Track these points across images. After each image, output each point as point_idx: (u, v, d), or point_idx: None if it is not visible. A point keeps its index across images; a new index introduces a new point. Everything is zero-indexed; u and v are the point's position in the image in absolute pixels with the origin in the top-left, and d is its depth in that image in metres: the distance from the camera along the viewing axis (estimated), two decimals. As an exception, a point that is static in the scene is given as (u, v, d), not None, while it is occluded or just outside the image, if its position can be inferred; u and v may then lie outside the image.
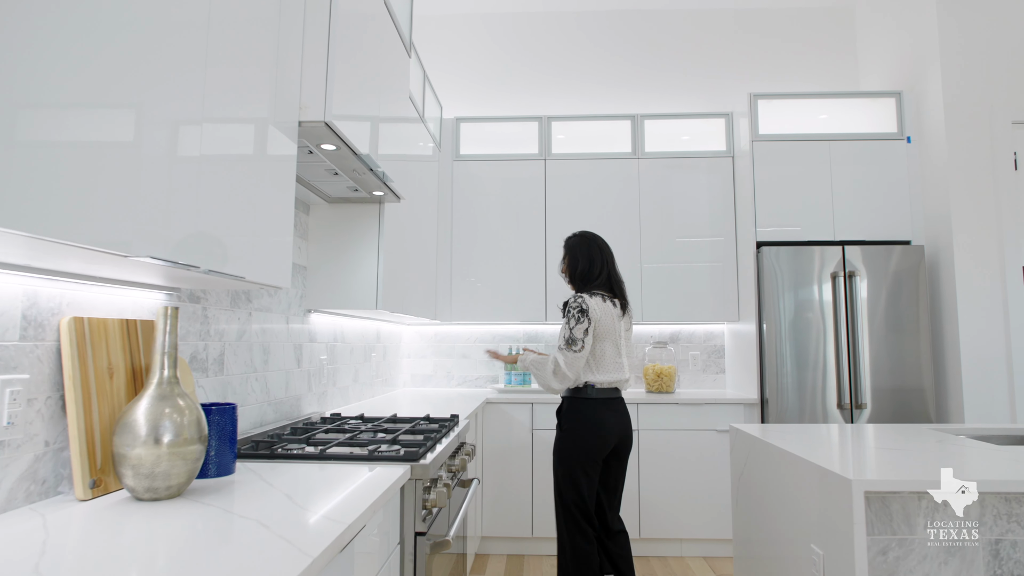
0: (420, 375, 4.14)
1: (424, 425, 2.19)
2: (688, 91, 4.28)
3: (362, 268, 2.49)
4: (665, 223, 3.87)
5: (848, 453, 1.80)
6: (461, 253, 3.90)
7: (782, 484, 1.83)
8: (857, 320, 3.34)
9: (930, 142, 3.49)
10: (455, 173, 3.95)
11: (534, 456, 3.46)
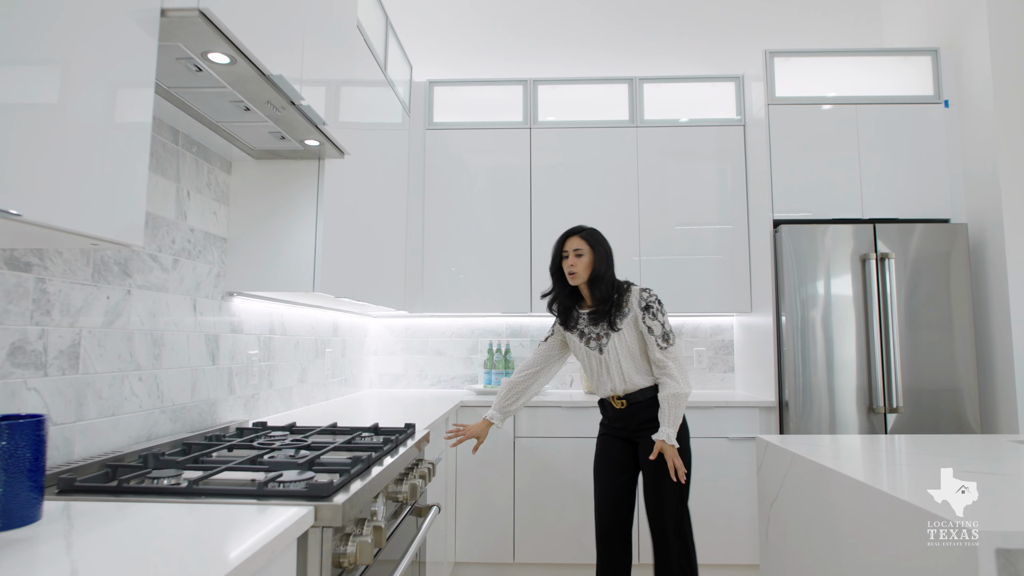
0: (389, 374, 3.64)
1: (366, 439, 1.70)
2: (693, 53, 3.80)
3: (296, 240, 1.99)
4: (667, 198, 3.39)
5: (928, 481, 1.32)
6: (434, 234, 3.41)
7: (843, 520, 1.35)
8: (889, 310, 2.87)
9: (973, 106, 3.02)
10: (428, 143, 3.46)
11: (516, 469, 2.97)
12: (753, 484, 2.90)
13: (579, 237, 2.21)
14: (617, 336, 2.15)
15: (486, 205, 3.41)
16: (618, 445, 2.26)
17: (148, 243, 1.60)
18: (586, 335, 2.21)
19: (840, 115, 3.12)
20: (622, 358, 2.15)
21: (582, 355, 2.25)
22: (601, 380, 2.22)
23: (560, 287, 2.26)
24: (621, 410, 2.20)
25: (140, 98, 1.09)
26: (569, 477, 2.95)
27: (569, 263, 2.17)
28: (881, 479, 1.25)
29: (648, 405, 2.16)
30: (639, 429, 2.18)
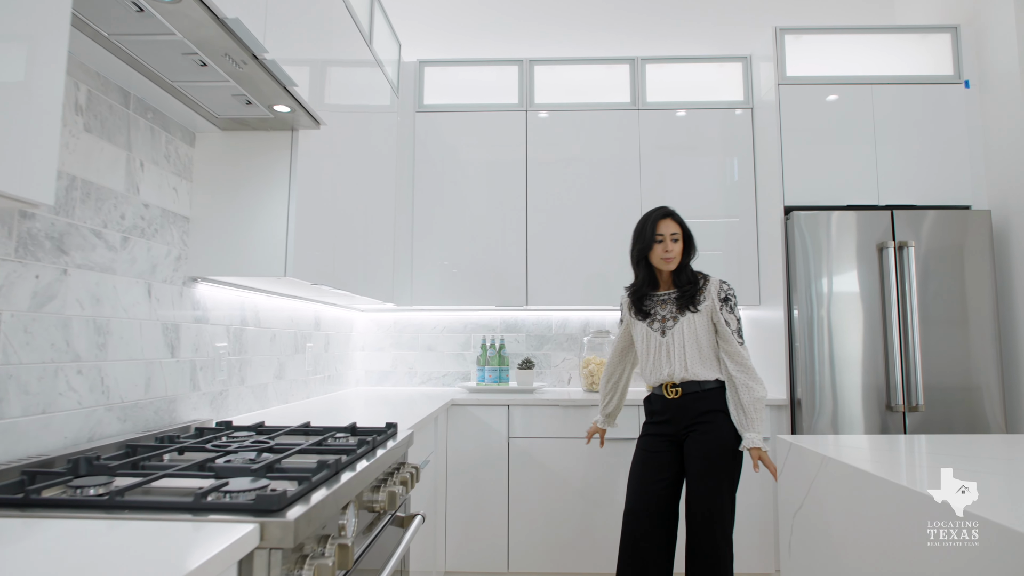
0: (376, 371, 3.45)
1: (340, 440, 1.51)
2: (698, 33, 3.61)
3: (266, 220, 1.80)
4: (670, 187, 3.20)
5: (985, 490, 1.14)
6: (424, 222, 3.21)
7: (887, 532, 1.16)
8: (908, 302, 2.69)
9: (997, 86, 2.84)
10: (418, 126, 3.26)
11: (511, 471, 2.78)
12: (765, 486, 2.72)
13: (673, 220, 2.13)
14: (686, 321, 2.07)
15: (479, 191, 3.22)
16: (663, 445, 2.12)
17: (90, 217, 1.40)
18: (651, 316, 2.14)
19: (854, 96, 2.94)
20: (687, 343, 2.06)
21: (642, 337, 2.16)
22: (659, 364, 2.10)
23: (647, 271, 2.16)
24: (674, 400, 2.07)
25: (49, 25, 0.89)
26: (567, 480, 2.76)
27: (667, 247, 2.09)
28: (952, 490, 1.07)
29: (702, 397, 2.05)
30: (691, 425, 2.06)
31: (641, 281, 2.17)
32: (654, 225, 2.11)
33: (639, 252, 2.14)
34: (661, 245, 2.10)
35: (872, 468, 1.24)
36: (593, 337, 3.24)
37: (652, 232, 2.11)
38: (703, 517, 1.98)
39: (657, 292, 2.17)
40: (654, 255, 2.12)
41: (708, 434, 2.02)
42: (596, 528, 2.73)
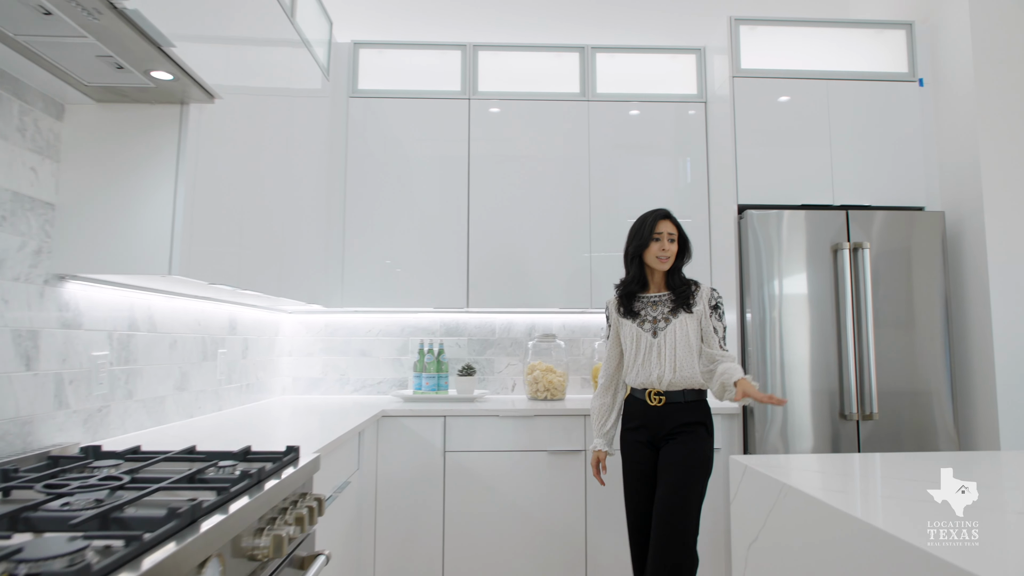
0: (305, 379, 3.18)
1: (224, 471, 1.26)
2: (651, 22, 3.47)
3: (148, 209, 1.54)
4: (620, 184, 3.04)
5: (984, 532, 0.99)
6: (357, 216, 2.96)
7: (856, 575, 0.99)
8: (863, 306, 2.59)
9: (951, 85, 2.77)
10: (351, 113, 3.01)
11: (447, 488, 2.56)
12: (716, 510, 2.57)
13: (671, 221, 2.14)
14: (679, 323, 2.07)
15: (417, 184, 2.99)
16: (644, 452, 2.09)
17: (-103, 198, 1.12)
18: (641, 317, 2.12)
19: (810, 91, 2.83)
20: (679, 344, 2.05)
21: (632, 337, 2.11)
22: (648, 365, 2.07)
23: (639, 270, 2.14)
24: (656, 408, 2.06)
25: None
26: (509, 498, 2.56)
27: (664, 247, 2.10)
28: (923, 531, 0.90)
29: (684, 409, 2.05)
30: (669, 434, 2.04)
31: (632, 279, 2.15)
32: (653, 224, 2.11)
33: (635, 249, 2.13)
34: (658, 244, 2.10)
35: (836, 501, 1.07)
36: (538, 342, 3.05)
37: (651, 230, 2.11)
38: (672, 527, 1.93)
39: (647, 293, 2.16)
40: (649, 253, 2.11)
41: (687, 444, 2.02)
42: (540, 549, 2.54)
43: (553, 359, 3.01)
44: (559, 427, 2.61)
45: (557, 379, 2.92)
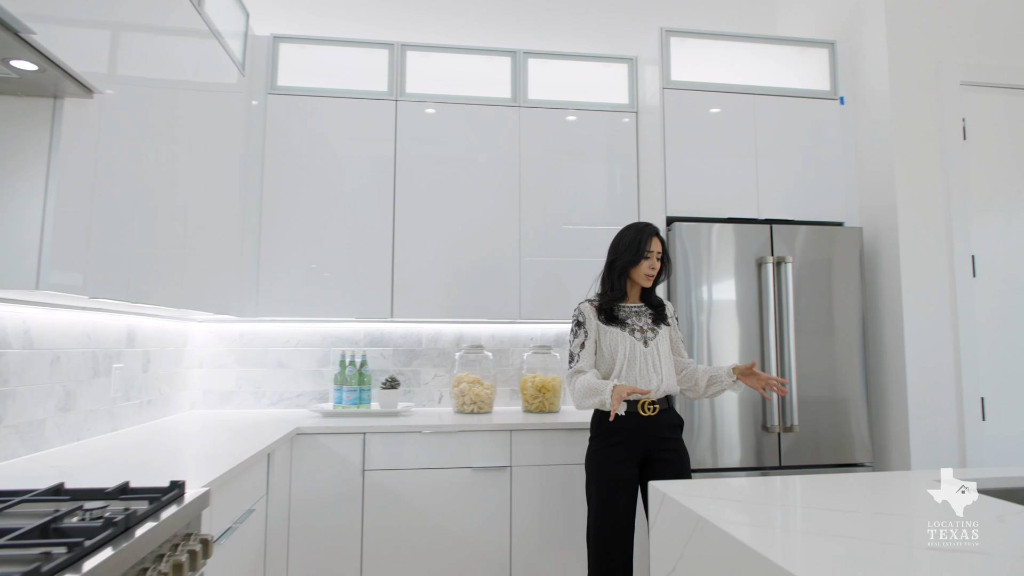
0: (217, 392, 2.98)
1: (89, 514, 1.12)
2: (584, 29, 3.44)
3: (12, 215, 1.36)
4: (551, 190, 2.99)
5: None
6: (275, 221, 2.80)
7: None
8: (785, 319, 2.63)
9: (869, 104, 2.85)
10: (269, 111, 2.84)
11: (365, 509, 2.44)
12: (640, 535, 2.55)
13: (659, 239, 2.16)
14: (663, 335, 2.14)
15: (341, 187, 2.85)
16: (630, 464, 2.05)
17: None
18: (628, 325, 2.12)
19: (737, 105, 2.86)
20: (663, 355, 2.11)
21: (624, 345, 2.08)
22: (645, 374, 2.07)
23: (620, 283, 2.15)
24: (649, 418, 2.05)
25: None
26: (433, 519, 2.46)
27: (653, 265, 2.13)
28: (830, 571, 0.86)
29: (671, 413, 2.13)
30: (658, 444, 2.06)
31: (617, 292, 2.15)
32: (647, 241, 2.13)
33: (625, 264, 2.14)
34: (648, 262, 2.13)
35: (753, 538, 1.03)
36: (466, 353, 2.96)
37: (645, 248, 2.12)
38: None
39: (626, 303, 2.17)
40: (639, 271, 2.13)
41: (678, 458, 2.08)
42: (464, 570, 2.45)
43: (481, 371, 2.93)
44: (484, 442, 2.53)
45: (484, 392, 2.84)
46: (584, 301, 2.18)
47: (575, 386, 2.05)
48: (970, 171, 2.74)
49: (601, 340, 2.11)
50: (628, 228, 2.18)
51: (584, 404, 2.01)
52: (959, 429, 2.61)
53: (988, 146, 2.77)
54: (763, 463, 2.58)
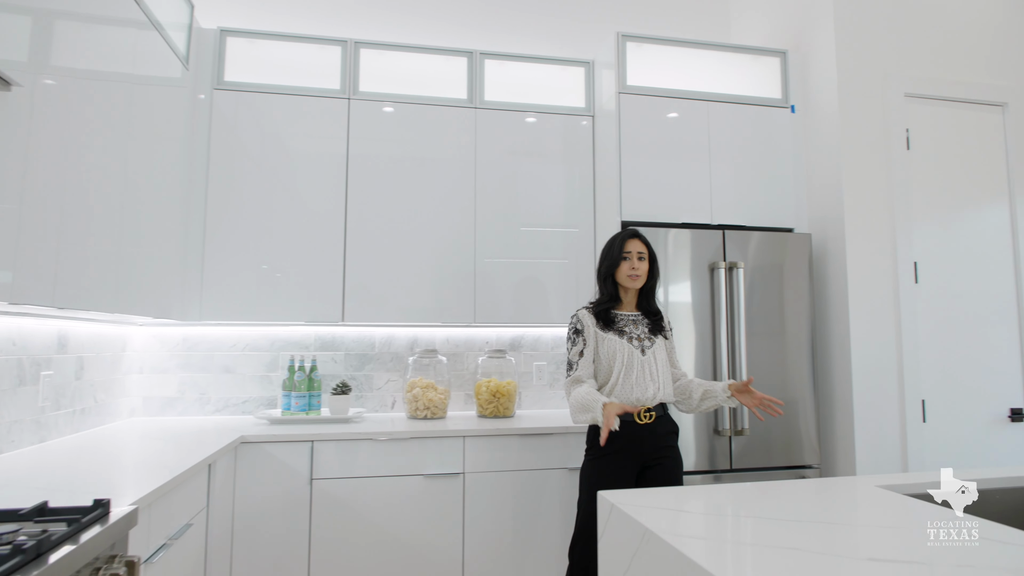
0: (158, 398, 2.86)
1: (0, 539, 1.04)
2: (542, 32, 3.42)
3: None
4: (507, 194, 2.96)
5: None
6: (221, 220, 2.70)
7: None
8: (737, 324, 2.66)
9: (818, 112, 2.91)
10: (216, 106, 2.74)
11: (313, 520, 2.37)
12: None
13: (640, 241, 2.17)
14: (659, 344, 2.15)
15: (292, 187, 2.76)
16: (628, 473, 2.03)
17: None
18: (627, 334, 2.12)
19: (692, 111, 2.88)
20: (661, 364, 2.12)
21: (622, 352, 2.08)
22: (643, 382, 2.07)
23: (612, 288, 2.17)
24: (646, 425, 2.05)
25: None
26: (386, 529, 2.40)
27: (633, 265, 2.13)
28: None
29: (667, 420, 2.13)
30: (657, 451, 2.07)
31: (607, 297, 2.16)
32: (622, 243, 2.15)
33: (607, 269, 2.16)
34: (628, 263, 2.13)
35: (696, 553, 1.02)
36: (420, 357, 2.91)
37: (620, 250, 2.14)
38: None
39: (621, 311, 2.18)
40: (620, 272, 2.14)
41: (672, 464, 2.09)
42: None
43: (435, 375, 2.89)
44: (437, 449, 2.48)
45: (438, 397, 2.79)
46: (582, 308, 2.19)
47: (571, 399, 2.06)
48: (913, 180, 2.83)
49: (599, 347, 2.11)
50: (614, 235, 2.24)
51: (577, 419, 2.02)
52: (901, 430, 2.69)
53: (929, 156, 2.86)
54: (715, 466, 2.60)
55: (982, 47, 2.97)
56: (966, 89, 2.92)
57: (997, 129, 2.95)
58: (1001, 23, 3.01)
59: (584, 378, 2.08)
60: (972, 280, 2.83)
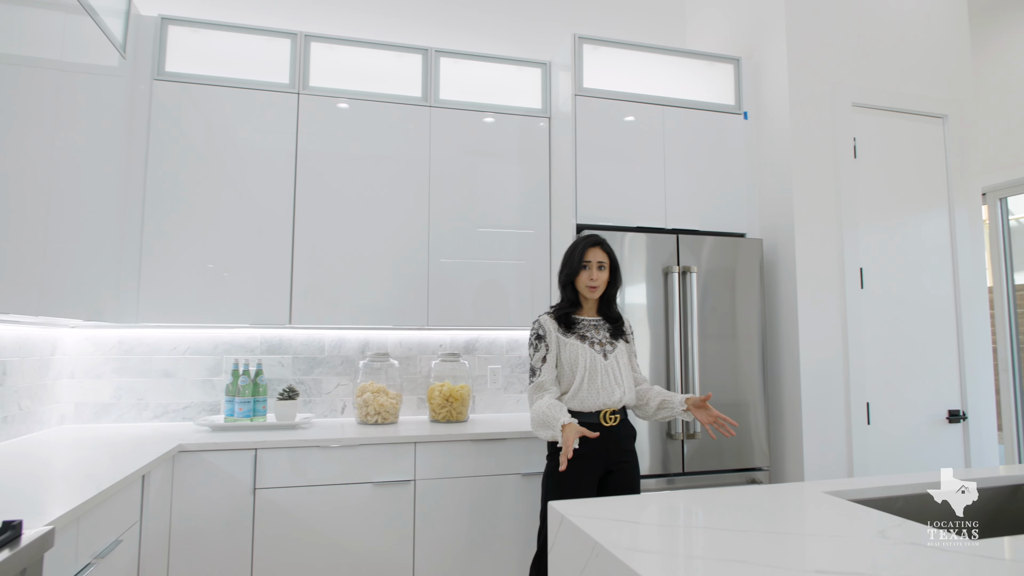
0: (92, 405, 2.71)
1: None
2: (499, 32, 3.38)
3: None
4: (462, 194, 2.92)
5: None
6: (163, 218, 2.57)
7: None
8: (690, 328, 2.68)
9: (770, 120, 2.96)
10: (156, 97, 2.61)
11: (256, 532, 2.27)
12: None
13: (602, 249, 2.15)
14: (620, 349, 2.15)
15: (237, 185, 2.66)
16: (590, 480, 2.02)
17: None
18: (588, 339, 2.12)
19: (647, 115, 2.89)
20: (623, 369, 2.12)
21: (585, 357, 2.07)
22: (607, 387, 2.06)
23: (572, 294, 2.16)
24: (611, 428, 2.06)
25: None
26: (329, 536, 2.33)
27: (592, 275, 2.12)
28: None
29: (628, 425, 2.13)
30: (621, 452, 2.07)
31: (568, 303, 2.15)
32: (582, 252, 2.13)
33: (566, 276, 2.15)
34: (587, 272, 2.12)
35: (645, 568, 1.00)
36: (371, 361, 2.83)
37: (580, 259, 2.13)
38: None
39: (582, 316, 2.17)
40: (580, 281, 2.13)
41: (632, 468, 2.10)
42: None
43: (387, 379, 2.82)
44: (387, 456, 2.42)
45: (389, 401, 2.73)
46: (543, 314, 2.18)
47: (533, 410, 2.03)
48: (859, 188, 2.90)
49: (561, 353, 2.10)
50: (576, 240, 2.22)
51: (538, 434, 2.00)
52: (847, 433, 2.75)
53: (875, 165, 2.94)
54: (669, 470, 2.61)
55: (925, 61, 3.07)
56: (910, 100, 3.01)
57: (938, 140, 3.05)
58: (941, 38, 3.11)
59: (548, 384, 2.07)
60: (914, 286, 2.92)
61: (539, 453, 2.50)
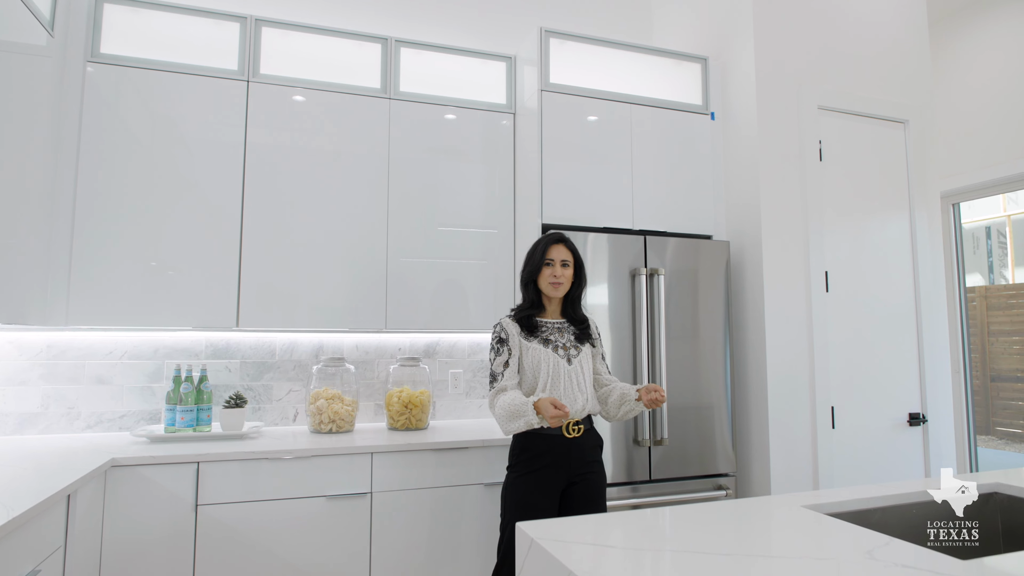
0: (16, 414, 2.48)
1: None
2: (462, 23, 3.26)
3: None
4: (424, 186, 2.79)
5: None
6: (97, 212, 2.37)
7: None
8: (657, 332, 2.62)
9: (737, 121, 2.92)
10: (90, 81, 2.41)
11: (198, 551, 2.11)
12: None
13: (566, 247, 2.08)
14: (585, 353, 2.06)
15: (183, 177, 2.47)
16: (551, 493, 1.94)
17: None
18: (552, 343, 2.03)
19: (615, 113, 2.82)
20: (586, 375, 2.03)
21: (547, 362, 1.98)
22: (570, 394, 1.98)
23: (534, 295, 2.07)
24: (574, 439, 1.97)
25: None
26: (279, 554, 2.18)
27: (555, 273, 2.04)
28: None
29: (593, 434, 2.05)
30: (585, 463, 1.98)
31: (529, 304, 2.08)
32: (544, 249, 2.06)
33: (528, 275, 2.07)
34: (550, 269, 2.04)
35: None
36: (325, 366, 2.68)
37: (542, 256, 2.05)
38: None
39: (545, 318, 2.09)
40: (542, 279, 2.05)
41: (597, 480, 2.01)
42: (313, 610, 2.19)
43: (342, 385, 2.67)
44: (342, 467, 2.28)
45: (344, 409, 2.58)
46: (505, 316, 2.08)
47: (496, 410, 1.93)
48: (824, 191, 2.89)
49: (523, 357, 2.02)
50: None
51: (510, 428, 1.89)
52: (812, 437, 2.73)
53: (840, 168, 2.93)
54: (634, 477, 2.55)
55: (886, 67, 3.08)
56: (872, 105, 3.01)
57: (900, 145, 3.07)
58: (902, 43, 3.13)
59: (509, 388, 1.97)
60: (876, 289, 2.93)
61: (501, 463, 2.40)
